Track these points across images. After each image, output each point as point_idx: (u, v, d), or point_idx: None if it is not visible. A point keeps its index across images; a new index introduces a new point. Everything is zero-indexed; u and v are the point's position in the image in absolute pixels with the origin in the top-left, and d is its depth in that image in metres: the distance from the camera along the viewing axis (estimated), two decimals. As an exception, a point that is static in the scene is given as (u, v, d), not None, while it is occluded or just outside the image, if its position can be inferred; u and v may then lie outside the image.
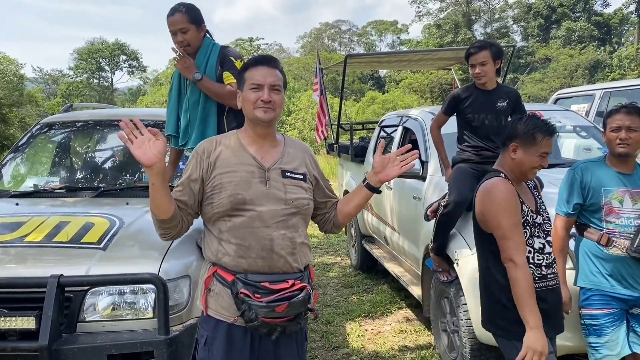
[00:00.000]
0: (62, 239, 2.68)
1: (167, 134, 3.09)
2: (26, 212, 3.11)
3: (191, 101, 2.95)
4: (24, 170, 4.01)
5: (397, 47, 54.53)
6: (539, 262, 2.26)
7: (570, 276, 2.72)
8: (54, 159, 4.11)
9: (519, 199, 2.24)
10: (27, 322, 2.31)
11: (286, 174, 1.99)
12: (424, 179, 4.08)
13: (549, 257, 2.29)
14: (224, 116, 2.97)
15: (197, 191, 1.95)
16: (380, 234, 5.27)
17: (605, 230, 2.61)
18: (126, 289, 2.47)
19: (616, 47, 42.76)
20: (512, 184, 2.25)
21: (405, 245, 4.46)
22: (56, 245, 2.64)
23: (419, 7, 49.70)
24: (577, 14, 44.40)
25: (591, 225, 2.66)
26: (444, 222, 3.35)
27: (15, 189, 3.65)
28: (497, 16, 49.49)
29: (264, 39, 52.82)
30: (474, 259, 3.14)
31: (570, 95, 7.21)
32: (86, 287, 2.44)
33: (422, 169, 4.09)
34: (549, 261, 2.29)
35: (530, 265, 2.22)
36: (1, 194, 3.51)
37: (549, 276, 2.28)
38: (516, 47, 21.37)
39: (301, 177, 2.03)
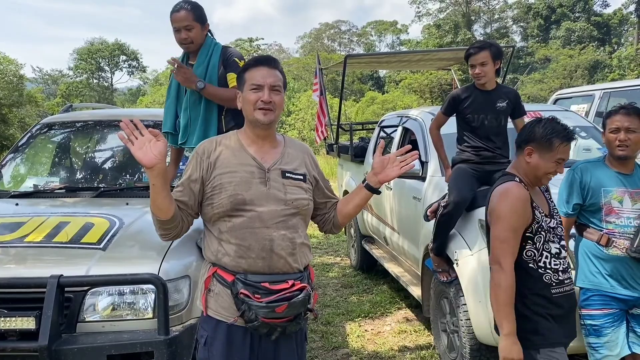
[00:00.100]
0: (62, 239, 2.68)
1: (164, 131, 3.05)
2: (26, 212, 3.10)
3: (192, 99, 2.94)
4: (23, 170, 4.00)
5: (397, 48, 54.59)
6: (556, 267, 2.19)
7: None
8: (54, 159, 4.12)
9: (531, 206, 2.17)
10: (27, 322, 2.30)
11: (286, 175, 1.99)
12: (423, 179, 4.08)
13: (564, 261, 2.23)
14: (222, 116, 2.96)
15: (197, 191, 1.95)
16: (380, 234, 5.27)
17: (605, 230, 2.62)
18: (126, 289, 2.47)
19: (616, 48, 42.78)
20: (526, 189, 2.19)
21: (405, 245, 4.46)
22: (56, 245, 2.65)
23: (419, 8, 49.86)
24: (577, 15, 44.42)
25: (591, 225, 2.67)
26: (444, 222, 3.35)
27: (15, 189, 3.65)
28: (496, 16, 49.55)
29: (263, 39, 52.76)
30: (473, 259, 3.15)
31: (569, 95, 7.21)
32: (86, 288, 2.44)
33: (421, 169, 4.09)
34: (565, 266, 2.23)
35: (547, 270, 2.17)
36: (1, 194, 3.51)
37: (565, 281, 2.21)
38: (516, 48, 21.37)
39: (301, 177, 2.03)
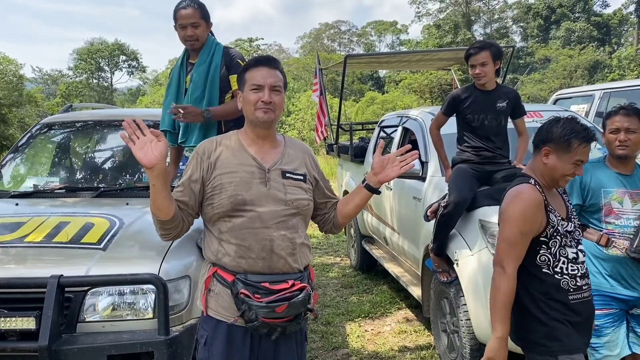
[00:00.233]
0: (62, 239, 2.68)
1: (162, 129, 3.03)
2: (26, 212, 3.10)
3: (193, 98, 2.93)
4: (23, 170, 4.00)
5: (397, 48, 54.61)
6: (573, 272, 2.11)
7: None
8: (54, 159, 4.11)
9: (545, 210, 2.08)
10: (27, 323, 2.30)
11: (286, 175, 2.00)
12: (423, 179, 4.08)
13: (582, 266, 2.14)
14: None
15: (197, 192, 1.96)
16: (380, 235, 5.27)
17: (604, 230, 2.62)
18: (126, 289, 2.47)
19: (615, 48, 42.80)
20: (542, 191, 2.11)
21: (405, 245, 4.46)
22: (56, 245, 2.64)
23: (419, 8, 49.89)
24: (577, 15, 44.43)
25: (590, 225, 2.66)
26: (444, 222, 3.35)
27: (15, 189, 3.65)
28: (496, 17, 49.57)
29: (263, 39, 52.68)
30: (474, 260, 3.15)
31: (569, 95, 7.21)
32: (86, 288, 2.44)
33: (422, 169, 4.09)
34: (583, 271, 2.14)
35: (564, 276, 2.09)
36: (1, 194, 3.51)
37: (583, 287, 2.13)
38: (516, 48, 21.39)
39: (301, 177, 2.03)
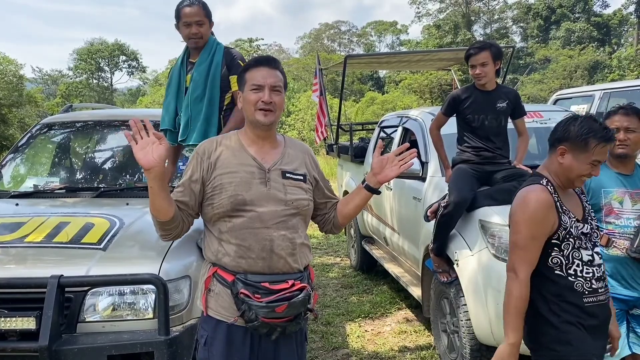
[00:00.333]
0: (62, 239, 2.68)
1: (162, 128, 3.03)
2: (26, 212, 3.10)
3: (193, 96, 2.92)
4: (23, 170, 4.01)
5: (397, 48, 54.60)
6: (587, 275, 2.03)
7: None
8: (54, 159, 4.11)
9: (556, 212, 2.01)
10: (27, 323, 2.31)
11: (286, 175, 2.00)
12: (423, 179, 4.08)
13: (598, 269, 2.06)
14: (222, 114, 2.96)
15: (197, 192, 1.96)
16: (380, 235, 5.27)
17: (604, 230, 2.61)
18: (126, 289, 2.48)
19: (615, 48, 42.82)
20: (553, 193, 2.03)
21: (405, 245, 4.46)
22: (56, 245, 2.65)
23: (419, 8, 49.91)
24: (577, 15, 44.45)
25: (591, 225, 2.66)
26: (444, 222, 3.35)
27: (15, 189, 3.65)
28: (496, 17, 49.58)
29: (263, 39, 52.63)
30: (474, 260, 3.15)
31: (569, 96, 7.21)
32: (86, 288, 2.44)
33: (422, 169, 4.09)
34: (599, 274, 2.06)
35: (578, 278, 2.03)
36: (1, 195, 3.51)
37: (599, 290, 2.05)
38: (516, 48, 21.36)
39: (301, 177, 2.03)
